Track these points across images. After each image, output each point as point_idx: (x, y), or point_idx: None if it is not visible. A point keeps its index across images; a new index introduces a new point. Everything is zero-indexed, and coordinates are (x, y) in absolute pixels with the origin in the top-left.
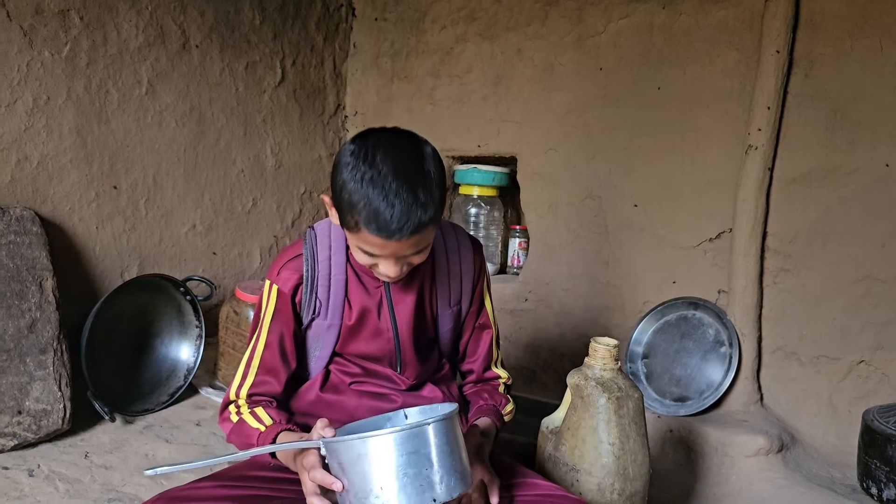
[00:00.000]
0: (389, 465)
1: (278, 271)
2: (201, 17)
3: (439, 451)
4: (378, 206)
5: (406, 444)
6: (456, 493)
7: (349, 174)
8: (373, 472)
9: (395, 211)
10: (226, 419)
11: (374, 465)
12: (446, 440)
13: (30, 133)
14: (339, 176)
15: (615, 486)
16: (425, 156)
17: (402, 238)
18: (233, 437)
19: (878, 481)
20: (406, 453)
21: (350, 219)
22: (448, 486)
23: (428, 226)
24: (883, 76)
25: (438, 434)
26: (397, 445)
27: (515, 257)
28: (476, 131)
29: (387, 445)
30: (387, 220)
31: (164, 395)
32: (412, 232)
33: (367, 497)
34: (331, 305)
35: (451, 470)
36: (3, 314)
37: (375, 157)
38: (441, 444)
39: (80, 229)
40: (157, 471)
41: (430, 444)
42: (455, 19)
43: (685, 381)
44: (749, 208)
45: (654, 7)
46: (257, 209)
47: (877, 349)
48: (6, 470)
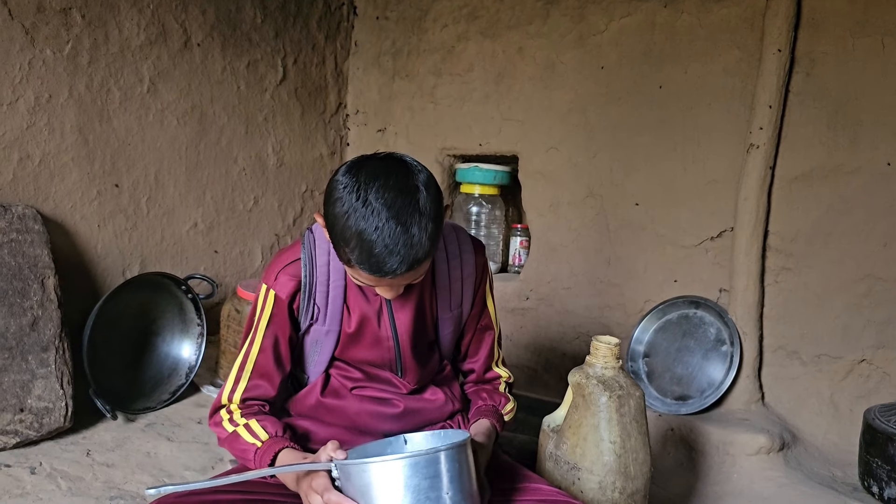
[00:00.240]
0: (406, 490)
1: (276, 276)
2: (203, 16)
3: (452, 477)
4: (371, 248)
5: (424, 468)
6: None
7: (341, 210)
8: (389, 495)
9: (388, 252)
10: (217, 424)
11: (390, 488)
12: (459, 466)
13: (32, 131)
14: (332, 211)
15: (616, 485)
16: (419, 188)
17: (395, 276)
18: (226, 445)
19: (880, 480)
20: (424, 477)
21: (343, 254)
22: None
23: (422, 262)
24: (885, 75)
25: (452, 460)
26: (416, 470)
27: (517, 256)
28: (477, 130)
29: (404, 470)
30: (379, 262)
31: (166, 394)
32: (407, 270)
33: None
34: (329, 311)
35: (464, 494)
36: (5, 312)
37: (368, 195)
38: (454, 469)
39: (82, 227)
40: (162, 490)
41: (443, 469)
42: (456, 18)
43: (686, 380)
44: (750, 207)
45: (656, 5)
46: (259, 207)
47: (878, 348)
48: (8, 467)
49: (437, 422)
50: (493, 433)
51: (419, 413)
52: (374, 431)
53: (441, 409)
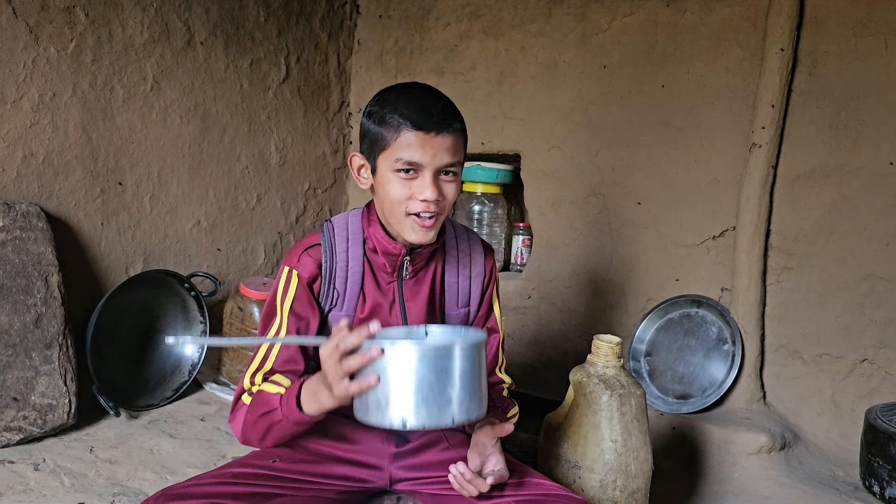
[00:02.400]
0: (416, 377)
1: (298, 258)
2: (206, 14)
3: (463, 376)
4: (415, 104)
5: (435, 359)
6: (473, 417)
7: (378, 104)
8: (398, 382)
9: (434, 107)
10: (238, 409)
11: (399, 373)
12: (471, 365)
13: (35, 129)
14: (370, 113)
15: (617, 483)
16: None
17: (440, 132)
18: (249, 418)
19: (881, 479)
20: (433, 369)
21: (389, 130)
22: (468, 408)
23: (460, 132)
24: (888, 74)
25: (466, 358)
26: (427, 358)
27: (519, 254)
28: (480, 128)
29: (416, 356)
30: (427, 112)
31: (169, 391)
32: (449, 128)
33: (388, 404)
34: (347, 297)
35: (473, 395)
36: (8, 309)
37: (402, 87)
38: (467, 368)
39: (86, 225)
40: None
41: (455, 366)
42: (459, 16)
43: (688, 379)
44: (753, 206)
45: (659, 4)
46: (261, 206)
47: (880, 347)
48: (12, 464)
49: None
50: None
51: None
52: None
53: None
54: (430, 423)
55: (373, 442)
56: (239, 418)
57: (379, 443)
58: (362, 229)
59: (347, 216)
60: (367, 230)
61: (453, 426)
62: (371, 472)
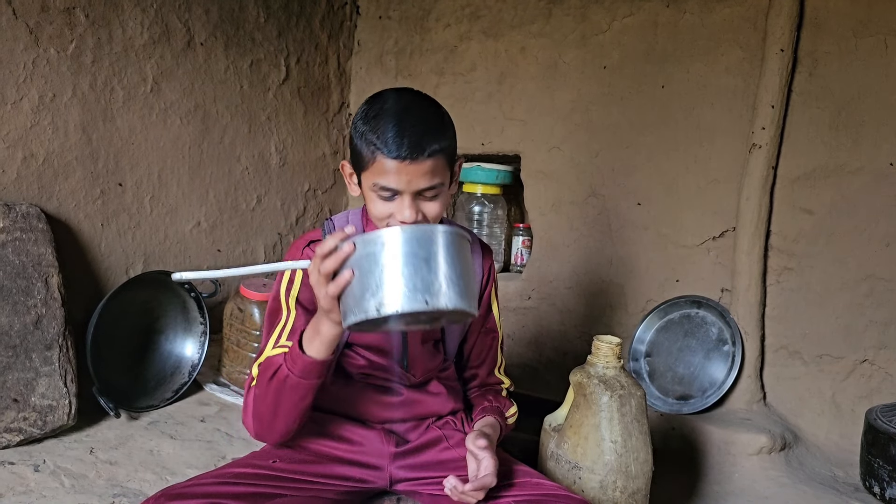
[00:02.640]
0: (388, 263)
1: (302, 250)
2: (206, 15)
3: (441, 260)
4: (392, 129)
5: (407, 242)
6: (451, 305)
7: (362, 116)
8: (372, 271)
9: (408, 131)
10: (248, 396)
11: (374, 263)
12: (450, 253)
13: (35, 130)
14: (355, 126)
15: (617, 484)
16: (436, 102)
17: (416, 159)
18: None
19: (881, 480)
20: (406, 253)
21: (366, 152)
22: (446, 295)
23: (440, 154)
24: (888, 75)
25: (442, 243)
26: (398, 243)
27: (519, 255)
28: (480, 129)
29: (391, 243)
30: (399, 139)
31: (169, 392)
32: (427, 154)
33: (364, 295)
34: None
35: (452, 282)
36: (8, 310)
37: (387, 99)
38: (446, 254)
39: (86, 226)
40: (184, 275)
41: (431, 249)
42: (459, 17)
43: (688, 380)
44: (753, 207)
45: (659, 5)
46: (261, 206)
47: (880, 348)
48: (12, 465)
49: (439, 415)
50: (498, 430)
51: (422, 403)
52: (376, 418)
53: (443, 403)
54: (404, 306)
55: (373, 442)
56: (249, 404)
57: (379, 443)
58: (362, 228)
59: (348, 214)
60: (365, 228)
61: (429, 310)
62: (371, 472)
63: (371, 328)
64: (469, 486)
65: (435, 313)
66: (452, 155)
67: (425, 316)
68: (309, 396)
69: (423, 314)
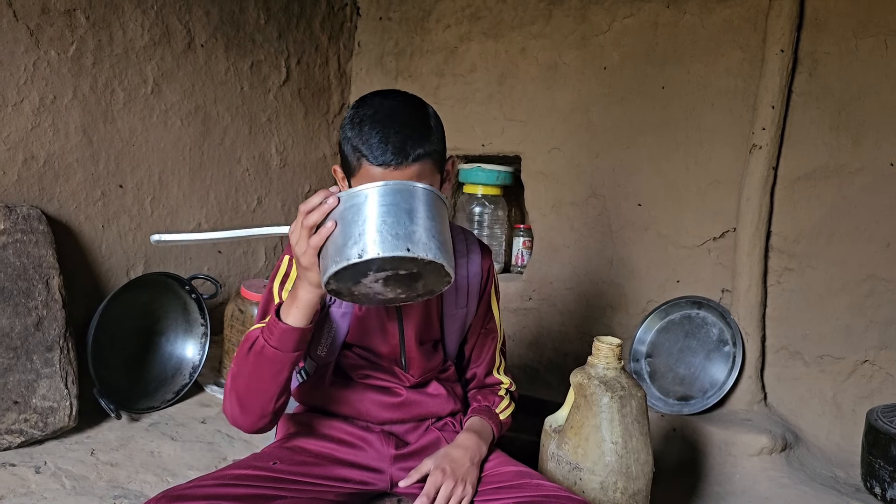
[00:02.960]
0: (371, 213)
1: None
2: (206, 17)
3: (421, 214)
4: (376, 136)
5: (390, 195)
6: (433, 255)
7: (349, 121)
8: (356, 221)
9: (392, 137)
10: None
11: (358, 214)
12: (431, 210)
13: (36, 132)
14: (343, 131)
15: (618, 485)
16: (423, 104)
17: (400, 165)
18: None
19: (882, 481)
20: (388, 203)
21: (352, 159)
22: (427, 246)
23: (426, 158)
24: (888, 75)
25: (423, 200)
26: (381, 195)
27: (519, 256)
28: (480, 130)
29: (379, 193)
30: (384, 145)
31: (170, 393)
32: (412, 159)
33: (346, 243)
34: None
35: (432, 235)
36: (9, 312)
37: (374, 102)
38: (427, 210)
39: (87, 228)
40: (163, 237)
41: (412, 203)
42: (459, 18)
43: (689, 380)
44: (753, 207)
45: (659, 6)
46: (262, 208)
47: (881, 348)
48: (13, 466)
49: (439, 416)
50: (484, 429)
51: (420, 404)
52: (375, 419)
53: (442, 404)
54: (384, 251)
55: (373, 445)
56: (227, 385)
57: (379, 445)
58: None
59: None
60: None
61: (410, 258)
62: (372, 474)
63: (351, 288)
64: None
65: (414, 271)
66: (441, 157)
67: (405, 274)
68: (285, 371)
69: (404, 273)
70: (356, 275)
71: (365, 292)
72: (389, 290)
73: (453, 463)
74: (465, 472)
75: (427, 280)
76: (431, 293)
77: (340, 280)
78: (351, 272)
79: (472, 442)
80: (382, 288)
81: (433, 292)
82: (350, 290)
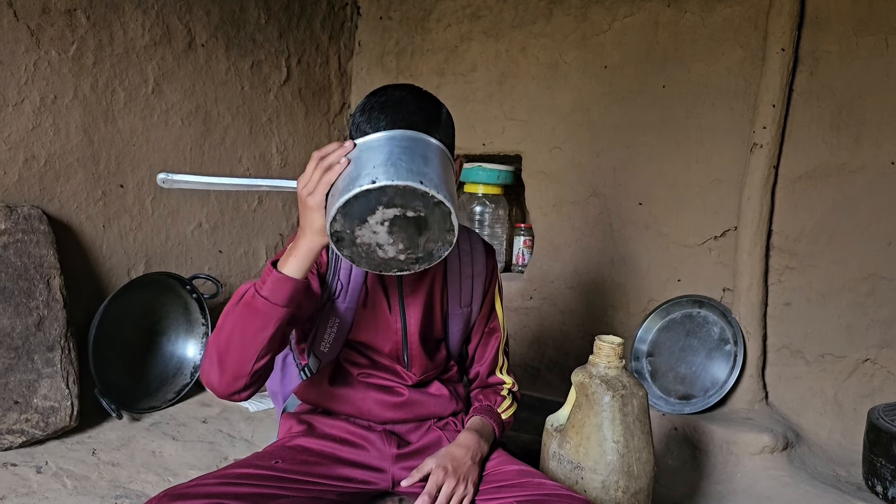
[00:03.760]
0: (387, 151)
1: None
2: (207, 17)
3: (435, 163)
4: (385, 119)
5: (407, 140)
6: (443, 196)
7: (360, 108)
8: (370, 158)
9: (401, 123)
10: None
11: (373, 152)
12: (442, 163)
13: (37, 132)
14: (353, 118)
15: (620, 484)
16: (437, 100)
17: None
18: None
19: (884, 479)
20: (404, 147)
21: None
22: (439, 186)
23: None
24: (889, 73)
25: (437, 153)
26: (399, 138)
27: (520, 255)
28: (481, 129)
29: (391, 137)
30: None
31: (171, 393)
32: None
33: (360, 174)
34: (350, 288)
35: (443, 181)
36: (10, 312)
37: (386, 91)
38: (439, 161)
39: (87, 228)
40: (170, 176)
41: (427, 152)
42: (460, 18)
43: (690, 380)
44: (754, 206)
45: (659, 5)
46: (263, 208)
47: (882, 347)
48: (14, 466)
49: (440, 416)
50: (485, 428)
51: (422, 404)
52: (377, 419)
53: (445, 405)
54: (398, 179)
55: (375, 444)
56: (208, 344)
57: (381, 445)
58: None
59: None
60: None
61: (421, 190)
62: (374, 474)
63: (355, 230)
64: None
65: (421, 215)
66: (449, 150)
67: (412, 218)
68: (271, 326)
69: (411, 217)
70: (364, 210)
71: (367, 242)
72: (392, 241)
73: (455, 462)
74: (466, 471)
75: (431, 234)
76: (430, 257)
77: (347, 217)
78: (360, 205)
79: (473, 441)
80: (386, 237)
81: (432, 255)
82: (353, 234)
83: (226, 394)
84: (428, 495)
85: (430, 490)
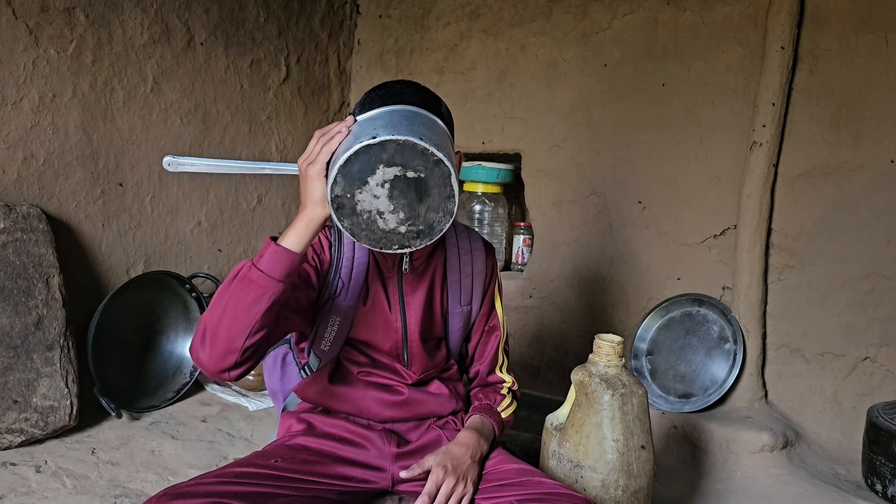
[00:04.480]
0: (388, 118)
1: None
2: (206, 15)
3: (434, 130)
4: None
5: (407, 111)
6: (442, 155)
7: (360, 103)
8: (374, 122)
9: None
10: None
11: (376, 120)
12: (442, 136)
13: (36, 131)
14: (354, 113)
15: (619, 483)
16: (437, 96)
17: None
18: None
19: (883, 478)
20: (406, 116)
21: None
22: (438, 146)
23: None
24: (888, 72)
25: (438, 127)
26: (400, 110)
27: (520, 254)
28: (480, 128)
29: (392, 109)
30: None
31: (170, 392)
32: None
33: (361, 134)
34: (351, 286)
35: (442, 146)
36: (10, 311)
37: (387, 84)
38: (437, 131)
39: (87, 226)
40: (177, 158)
41: (429, 124)
42: (459, 16)
43: (690, 378)
44: (754, 205)
45: (659, 3)
46: (262, 206)
47: (882, 345)
48: (14, 466)
49: (440, 415)
50: (485, 427)
51: (422, 403)
52: (377, 417)
53: (444, 403)
54: (398, 134)
55: (375, 443)
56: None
57: (381, 444)
58: None
59: None
60: None
61: (421, 146)
62: (374, 473)
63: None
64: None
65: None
66: (448, 140)
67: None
68: (265, 300)
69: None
70: (364, 169)
71: (367, 209)
72: (392, 208)
73: (454, 460)
74: (465, 470)
75: (432, 201)
76: (431, 231)
77: (347, 178)
78: (360, 164)
79: (472, 440)
80: (386, 202)
81: (433, 229)
82: (353, 200)
83: (215, 370)
84: (427, 495)
85: (429, 490)
